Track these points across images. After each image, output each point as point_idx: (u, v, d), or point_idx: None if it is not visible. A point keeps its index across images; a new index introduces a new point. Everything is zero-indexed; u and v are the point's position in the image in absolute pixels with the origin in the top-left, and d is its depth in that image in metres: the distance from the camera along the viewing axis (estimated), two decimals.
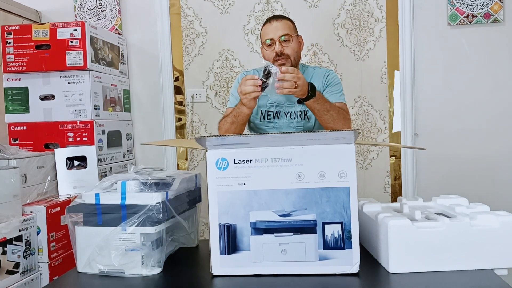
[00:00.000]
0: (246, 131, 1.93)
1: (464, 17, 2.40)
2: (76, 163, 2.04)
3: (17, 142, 2.18)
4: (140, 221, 1.07)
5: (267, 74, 1.51)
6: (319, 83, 1.79)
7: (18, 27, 2.16)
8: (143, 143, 1.57)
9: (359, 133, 0.95)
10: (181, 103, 2.66)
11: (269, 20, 1.80)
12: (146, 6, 2.61)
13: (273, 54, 1.74)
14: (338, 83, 1.83)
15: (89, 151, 2.06)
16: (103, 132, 2.24)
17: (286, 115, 1.80)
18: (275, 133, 0.98)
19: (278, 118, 1.81)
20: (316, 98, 1.60)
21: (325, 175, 1.02)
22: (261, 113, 1.82)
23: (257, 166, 1.04)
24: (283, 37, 1.74)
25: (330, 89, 1.79)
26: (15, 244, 1.59)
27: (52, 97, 2.17)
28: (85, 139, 2.14)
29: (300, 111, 1.79)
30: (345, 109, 1.78)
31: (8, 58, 2.16)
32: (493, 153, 2.42)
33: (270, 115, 1.82)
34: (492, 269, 1.02)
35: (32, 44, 2.14)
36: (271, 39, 1.75)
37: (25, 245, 1.64)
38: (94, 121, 2.15)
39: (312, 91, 1.59)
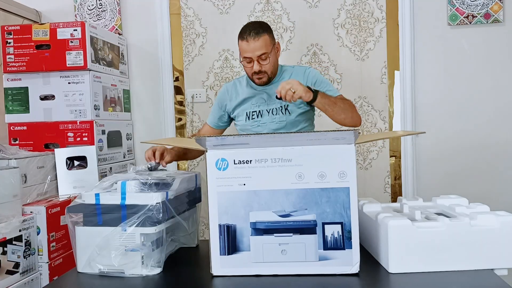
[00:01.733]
0: (235, 132, 1.95)
1: (464, 17, 2.40)
2: (76, 163, 2.04)
3: (17, 142, 2.17)
4: (140, 221, 1.07)
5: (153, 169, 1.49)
6: (300, 80, 1.80)
7: (18, 27, 2.16)
8: (143, 142, 1.57)
9: (359, 133, 0.95)
10: (181, 103, 2.66)
11: (245, 37, 1.75)
12: (146, 6, 2.61)
13: (252, 70, 1.78)
14: (324, 80, 1.86)
15: (89, 151, 2.07)
16: (103, 132, 2.24)
17: (268, 112, 1.85)
18: (274, 132, 0.98)
19: (261, 116, 1.86)
20: (320, 94, 1.63)
21: (325, 176, 1.02)
22: (246, 114, 1.87)
23: (257, 166, 1.04)
24: (262, 56, 1.75)
25: (320, 88, 1.80)
26: (15, 244, 1.59)
27: (52, 97, 2.17)
28: (85, 139, 2.14)
29: (280, 106, 1.83)
30: (345, 98, 1.81)
31: (8, 58, 2.15)
32: (493, 153, 2.42)
33: (254, 114, 1.87)
34: (492, 269, 1.02)
35: (32, 44, 2.13)
36: (249, 58, 1.76)
37: (25, 245, 1.64)
38: (94, 121, 2.15)
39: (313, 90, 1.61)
